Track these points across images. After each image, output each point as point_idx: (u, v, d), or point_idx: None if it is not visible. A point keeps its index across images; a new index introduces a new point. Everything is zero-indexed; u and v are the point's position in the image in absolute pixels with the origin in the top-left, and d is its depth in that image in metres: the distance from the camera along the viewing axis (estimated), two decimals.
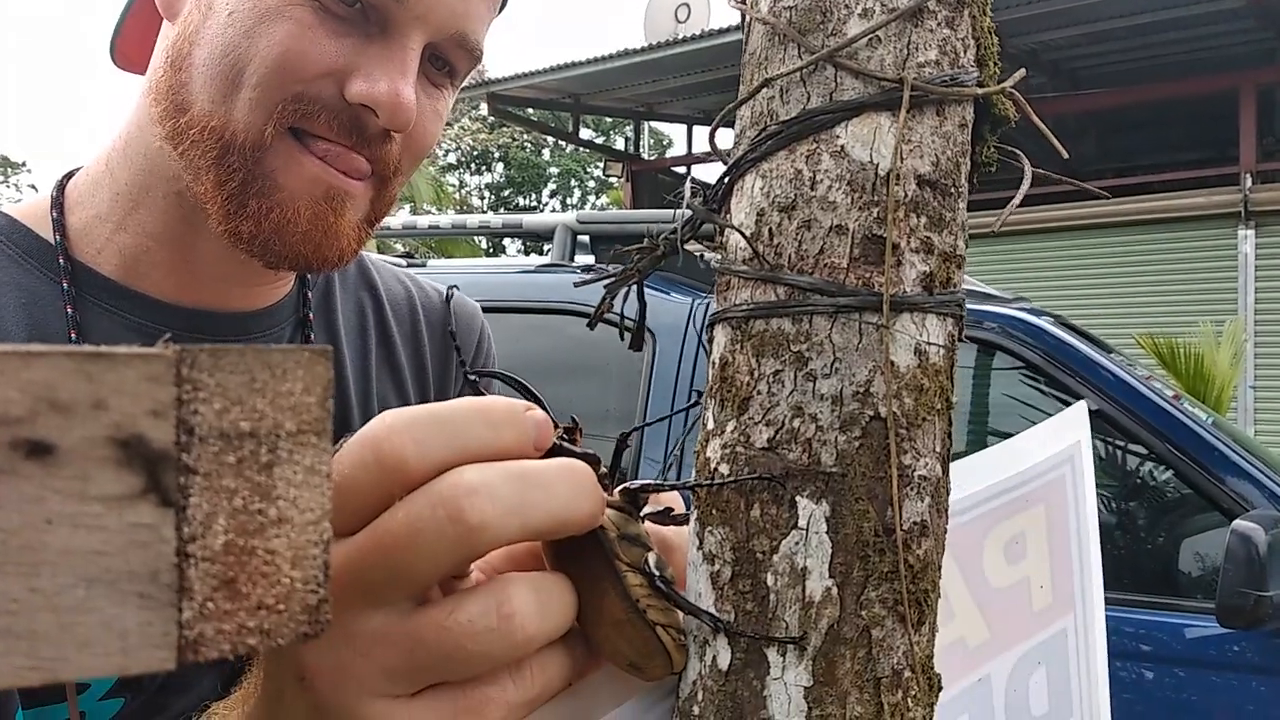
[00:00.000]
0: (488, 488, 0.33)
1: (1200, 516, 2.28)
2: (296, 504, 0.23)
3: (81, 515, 0.21)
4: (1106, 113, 9.18)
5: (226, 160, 0.63)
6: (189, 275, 0.70)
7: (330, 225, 0.65)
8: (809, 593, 0.37)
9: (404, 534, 0.33)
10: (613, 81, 9.89)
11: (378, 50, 0.64)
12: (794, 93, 0.40)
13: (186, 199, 0.66)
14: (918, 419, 0.38)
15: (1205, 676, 2.05)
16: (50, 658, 0.20)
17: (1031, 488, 0.51)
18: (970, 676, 0.49)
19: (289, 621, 0.22)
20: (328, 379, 0.23)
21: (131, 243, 0.69)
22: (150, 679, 0.66)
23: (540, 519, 0.34)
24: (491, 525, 0.32)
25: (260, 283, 0.74)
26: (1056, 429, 0.54)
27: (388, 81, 0.63)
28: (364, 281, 0.85)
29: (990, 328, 2.38)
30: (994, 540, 0.50)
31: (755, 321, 0.39)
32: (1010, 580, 0.51)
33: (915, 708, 0.37)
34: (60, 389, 0.21)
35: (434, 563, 0.33)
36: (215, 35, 0.63)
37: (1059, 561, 0.53)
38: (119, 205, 0.69)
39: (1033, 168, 0.45)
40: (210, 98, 0.63)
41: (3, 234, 0.69)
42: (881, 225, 0.38)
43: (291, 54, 0.62)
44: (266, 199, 0.63)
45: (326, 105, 0.63)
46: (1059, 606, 0.53)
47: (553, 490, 0.34)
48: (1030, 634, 0.51)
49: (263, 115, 0.62)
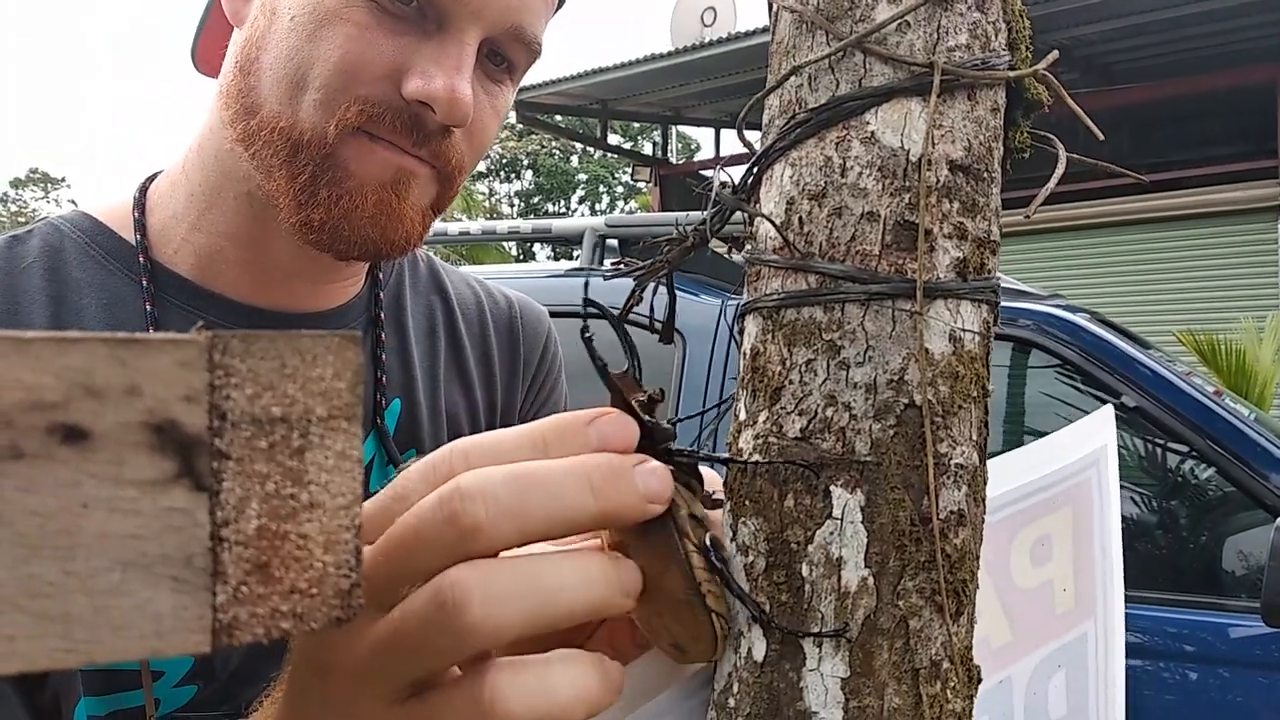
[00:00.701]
0: (483, 492, 0.33)
1: (1244, 514, 2.24)
2: (328, 488, 0.23)
3: (117, 499, 0.21)
4: (1140, 108, 9.06)
5: (297, 159, 0.65)
6: (261, 274, 0.72)
7: (394, 209, 0.67)
8: (845, 583, 0.36)
9: (407, 536, 0.33)
10: (640, 86, 9.90)
11: (434, 47, 0.65)
12: (823, 80, 0.40)
13: (257, 198, 0.69)
14: (953, 406, 0.38)
15: (1251, 677, 2.01)
16: (85, 640, 0.20)
17: (1060, 490, 0.51)
18: (993, 677, 0.49)
19: (322, 605, 0.22)
20: (358, 364, 0.23)
21: (206, 243, 0.71)
22: (222, 667, 0.68)
23: (539, 521, 0.33)
24: (485, 529, 0.33)
25: (331, 280, 0.75)
26: (1085, 431, 0.53)
27: (444, 78, 0.64)
28: (435, 285, 0.86)
29: (1026, 325, 2.35)
30: (1021, 541, 0.49)
31: (786, 311, 0.39)
32: (1035, 582, 0.50)
33: (954, 699, 0.37)
34: (95, 375, 0.21)
35: (430, 565, 0.33)
36: (279, 40, 0.65)
37: (1083, 565, 0.52)
38: (193, 206, 0.71)
39: (1069, 159, 0.44)
40: (278, 99, 0.65)
41: (87, 236, 0.71)
42: (913, 211, 0.38)
43: (351, 56, 0.64)
44: (337, 186, 0.65)
45: (388, 105, 0.65)
46: (1081, 610, 0.52)
47: (555, 491, 0.33)
48: (1052, 637, 0.51)
49: (327, 116, 0.64)
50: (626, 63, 9.44)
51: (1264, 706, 1.98)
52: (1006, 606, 0.49)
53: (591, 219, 2.91)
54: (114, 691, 0.64)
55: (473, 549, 0.33)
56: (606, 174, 25.82)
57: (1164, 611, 2.08)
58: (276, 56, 0.65)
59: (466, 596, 0.32)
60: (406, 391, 0.79)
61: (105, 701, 0.64)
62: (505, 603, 0.33)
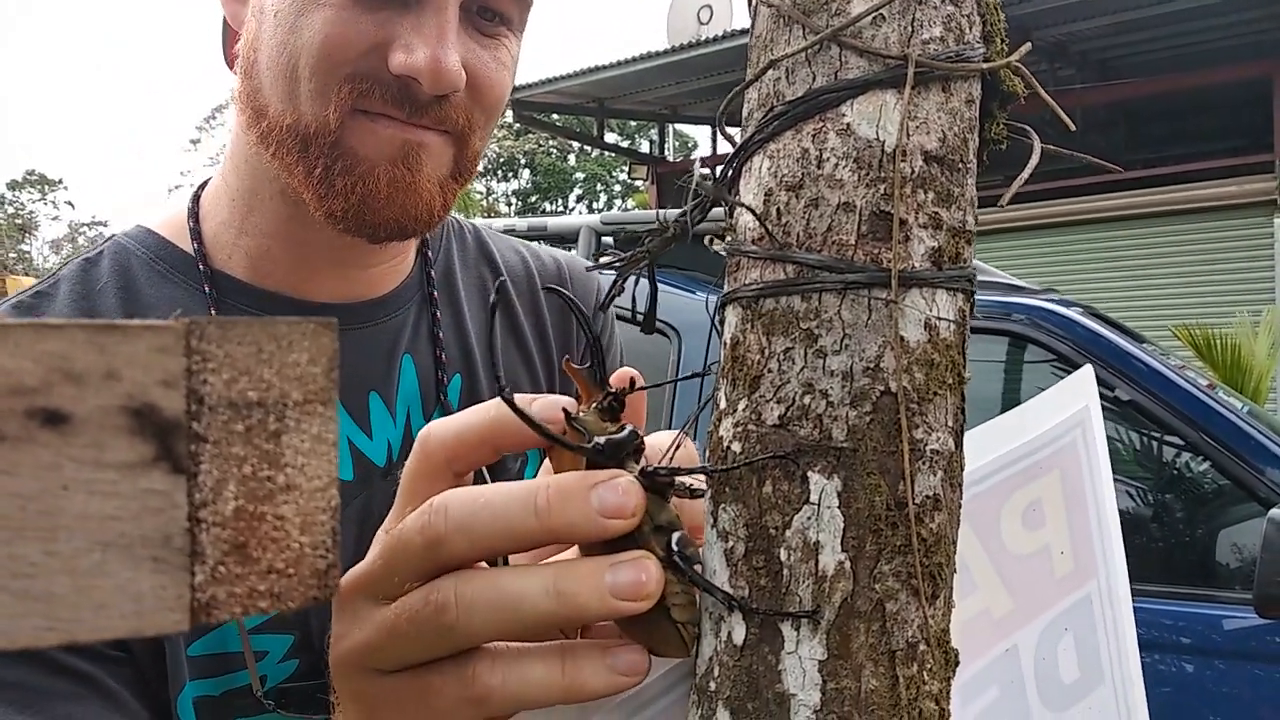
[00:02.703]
0: (446, 508, 0.38)
1: (1237, 507, 2.25)
2: (304, 471, 0.23)
3: (96, 482, 0.21)
4: (1136, 103, 9.07)
5: (309, 152, 0.66)
6: (310, 268, 0.74)
7: (409, 183, 0.67)
8: (822, 567, 0.37)
9: (397, 542, 0.39)
10: (636, 85, 9.91)
11: (413, 18, 0.65)
12: (799, 73, 0.40)
13: (289, 195, 0.70)
14: (929, 393, 0.38)
15: (1245, 668, 2.02)
16: (67, 619, 0.21)
17: (1044, 454, 0.51)
18: (997, 647, 0.49)
19: (299, 585, 0.23)
20: (333, 350, 0.24)
21: (254, 244, 0.73)
22: (320, 641, 0.70)
23: (487, 537, 0.38)
24: (445, 541, 0.38)
25: (376, 263, 0.77)
26: (1065, 394, 0.53)
27: (425, 49, 0.65)
28: (483, 256, 0.88)
29: (1020, 320, 2.36)
30: (1011, 509, 0.49)
31: (765, 300, 0.40)
32: (1031, 548, 0.50)
33: (931, 681, 0.37)
34: (74, 360, 0.21)
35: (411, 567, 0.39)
36: (269, 38, 0.66)
37: (1078, 527, 0.52)
38: (237, 211, 0.74)
39: (1054, 155, 0.45)
40: (279, 97, 0.67)
41: (151, 252, 0.74)
42: (888, 202, 0.39)
43: (332, 38, 0.64)
44: (350, 174, 0.66)
45: (377, 80, 0.66)
46: (1081, 572, 0.52)
47: (500, 511, 0.38)
48: (1055, 601, 0.51)
49: (324, 103, 0.65)
50: (623, 61, 9.45)
51: (1258, 698, 1.99)
52: (1004, 575, 0.49)
53: (587, 217, 2.92)
54: (225, 673, 0.68)
55: (440, 557, 0.38)
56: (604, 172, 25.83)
57: (1158, 604, 2.09)
58: (269, 55, 0.66)
59: (446, 600, 0.38)
60: (466, 366, 0.81)
61: (219, 682, 0.68)
62: (475, 607, 0.37)
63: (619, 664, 0.38)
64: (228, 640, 0.68)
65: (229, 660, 0.68)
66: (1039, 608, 0.50)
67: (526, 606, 0.37)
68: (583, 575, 0.37)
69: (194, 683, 0.67)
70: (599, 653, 0.39)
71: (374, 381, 0.76)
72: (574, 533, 0.38)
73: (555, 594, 0.37)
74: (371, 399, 0.76)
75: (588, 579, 0.37)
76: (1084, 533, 0.52)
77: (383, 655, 0.40)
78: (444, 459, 0.42)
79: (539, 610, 0.37)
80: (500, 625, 0.37)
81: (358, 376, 0.75)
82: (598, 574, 0.37)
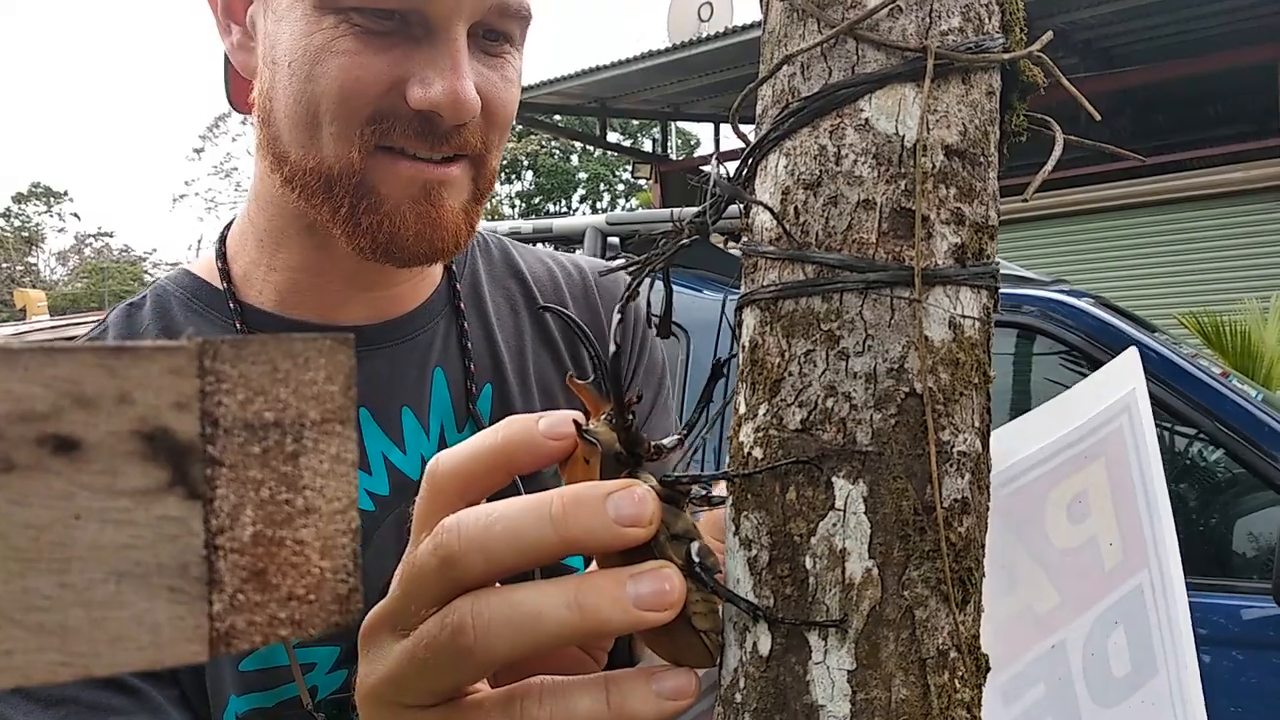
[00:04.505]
0: (459, 527, 0.37)
1: (1254, 495, 2.23)
2: (323, 493, 0.22)
3: (110, 510, 0.21)
4: (1141, 90, 9.03)
5: (334, 193, 0.69)
6: (338, 295, 0.77)
7: (434, 218, 0.70)
8: (849, 574, 0.36)
9: (411, 568, 0.39)
10: (638, 84, 9.89)
11: (425, 53, 0.67)
12: (815, 68, 0.39)
13: (316, 230, 0.73)
14: (954, 394, 0.37)
15: (1265, 658, 2.01)
16: (83, 653, 0.20)
17: (1088, 443, 0.49)
18: (1042, 644, 0.47)
19: (320, 611, 0.22)
20: (350, 367, 0.23)
21: (282, 279, 0.76)
22: None
23: (503, 552, 0.37)
24: (459, 559, 0.37)
25: (402, 281, 0.79)
26: (1107, 379, 0.51)
27: (442, 82, 0.66)
28: (509, 268, 0.89)
29: (1030, 311, 2.35)
30: (1055, 502, 0.47)
31: (784, 302, 0.39)
32: (1076, 541, 0.48)
33: (963, 689, 0.37)
34: (84, 384, 0.21)
35: (429, 592, 0.38)
36: (284, 88, 0.69)
37: (1126, 517, 0.50)
38: (264, 250, 0.77)
39: (1066, 141, 0.44)
40: (300, 143, 0.69)
41: (188, 292, 0.78)
42: (909, 198, 0.38)
43: (350, 83, 0.66)
44: (375, 213, 0.69)
45: (400, 117, 0.68)
46: (1131, 563, 0.50)
47: (514, 524, 0.37)
48: (1104, 594, 0.49)
49: (347, 145, 0.68)
50: (624, 60, 9.43)
51: (1278, 688, 1.98)
52: (1049, 570, 0.48)
53: (593, 217, 2.91)
54: (276, 686, 0.70)
55: (456, 578, 0.37)
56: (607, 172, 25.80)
57: None
58: (286, 104, 0.69)
59: (463, 621, 0.36)
60: (496, 376, 0.82)
61: (272, 694, 0.69)
62: (493, 626, 0.36)
63: (665, 689, 0.37)
64: (278, 653, 0.69)
65: (279, 674, 0.70)
66: (1087, 602, 0.48)
67: (547, 622, 0.36)
68: (604, 587, 0.36)
69: (246, 696, 0.68)
70: (644, 679, 0.38)
71: (406, 396, 0.77)
72: (591, 541, 0.37)
73: (576, 607, 0.36)
74: (404, 414, 0.77)
75: (609, 590, 0.36)
76: (1133, 522, 0.50)
77: (407, 688, 0.39)
78: (455, 489, 0.41)
79: (560, 625, 0.36)
80: (520, 644, 0.36)
81: (389, 392, 0.77)
82: (619, 585, 0.36)
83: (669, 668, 0.38)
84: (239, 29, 0.74)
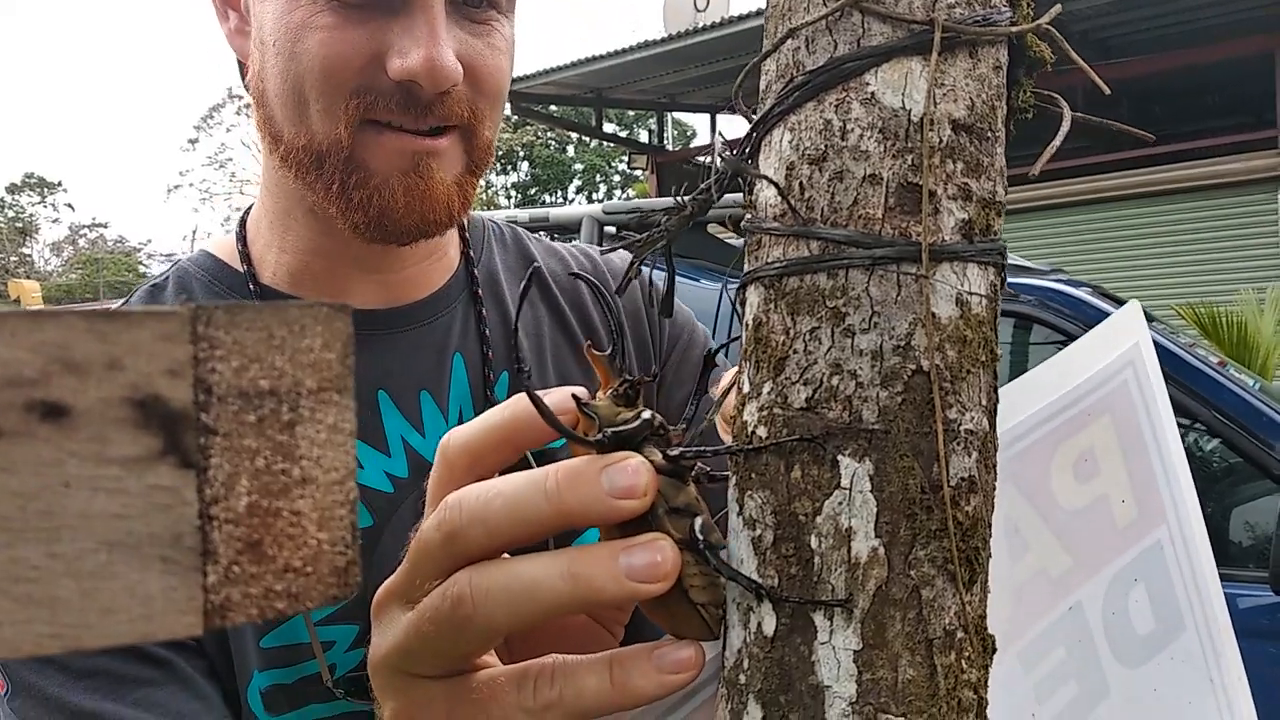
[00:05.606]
0: (461, 502, 0.38)
1: (1250, 485, 2.23)
2: (320, 463, 0.22)
3: (100, 478, 0.20)
4: (1138, 81, 9.01)
5: (324, 169, 0.69)
6: (345, 278, 0.77)
7: (423, 190, 0.69)
8: (855, 554, 0.36)
9: (418, 543, 0.40)
10: (634, 74, 9.87)
11: (402, 23, 0.67)
12: (820, 41, 0.39)
13: (318, 212, 0.73)
14: (962, 371, 0.37)
15: (1261, 646, 2.01)
16: (73, 625, 0.20)
17: (1092, 400, 0.47)
18: (1059, 607, 0.46)
19: (317, 584, 0.22)
20: (347, 334, 0.22)
21: (293, 261, 0.77)
22: None
23: (502, 524, 0.37)
24: (460, 533, 0.38)
25: (411, 264, 0.79)
26: (1109, 334, 0.49)
27: (419, 50, 0.66)
28: (523, 257, 0.89)
29: (1027, 300, 2.34)
30: (1060, 462, 0.46)
31: (789, 279, 0.38)
32: (1085, 500, 0.47)
33: (970, 669, 0.36)
34: (74, 349, 0.20)
35: (434, 565, 0.39)
36: (271, 67, 0.69)
37: (1139, 473, 0.49)
38: (275, 232, 0.77)
39: (1074, 120, 0.43)
40: (290, 121, 0.69)
41: (209, 274, 0.78)
42: (916, 173, 0.37)
43: (330, 57, 0.66)
44: (365, 187, 0.69)
45: (382, 90, 0.67)
46: (1148, 519, 0.49)
47: (511, 497, 0.37)
48: (1120, 552, 0.48)
49: (333, 121, 0.68)
50: (620, 50, 9.41)
51: (1275, 677, 1.98)
52: (1058, 531, 0.46)
53: (589, 206, 2.90)
54: (297, 663, 0.70)
55: (459, 551, 0.38)
56: (603, 163, 25.75)
57: None
58: (275, 84, 0.69)
59: (462, 592, 0.37)
60: (512, 363, 0.82)
61: (292, 671, 0.70)
62: (491, 596, 0.37)
63: (665, 663, 0.37)
64: (298, 631, 0.70)
65: (300, 650, 0.71)
66: (1101, 561, 0.47)
67: (543, 592, 0.37)
68: (598, 558, 0.37)
69: (267, 672, 0.69)
70: (644, 655, 0.38)
71: (425, 380, 0.77)
72: (587, 514, 0.37)
73: (570, 577, 0.36)
74: (423, 397, 0.77)
75: (603, 562, 0.36)
76: (1146, 477, 0.49)
77: (414, 658, 0.40)
78: (465, 465, 0.42)
79: (555, 595, 0.37)
80: (518, 613, 0.37)
81: (409, 376, 0.77)
82: (612, 556, 0.37)
83: (673, 642, 0.39)
84: (235, 15, 0.75)
